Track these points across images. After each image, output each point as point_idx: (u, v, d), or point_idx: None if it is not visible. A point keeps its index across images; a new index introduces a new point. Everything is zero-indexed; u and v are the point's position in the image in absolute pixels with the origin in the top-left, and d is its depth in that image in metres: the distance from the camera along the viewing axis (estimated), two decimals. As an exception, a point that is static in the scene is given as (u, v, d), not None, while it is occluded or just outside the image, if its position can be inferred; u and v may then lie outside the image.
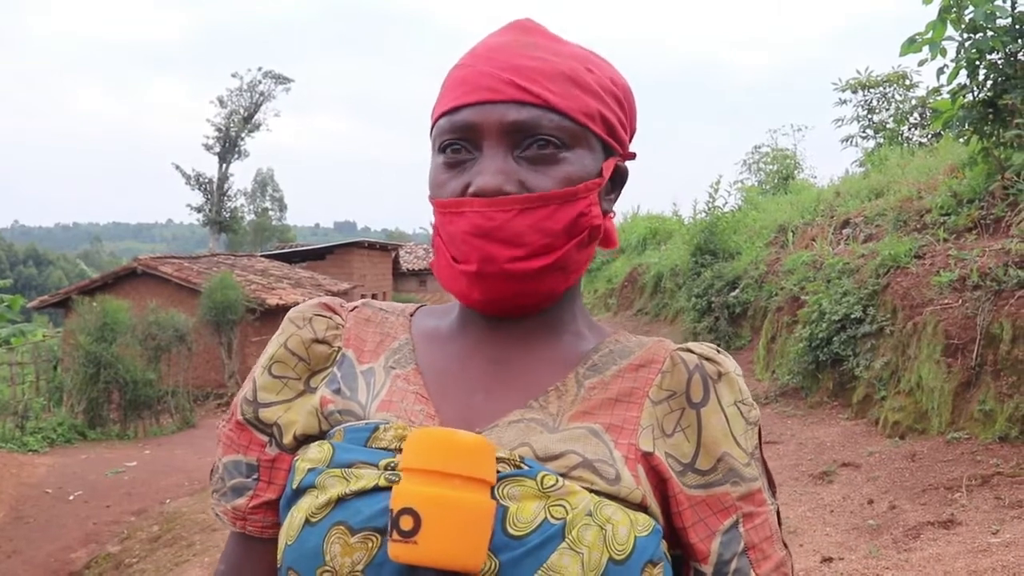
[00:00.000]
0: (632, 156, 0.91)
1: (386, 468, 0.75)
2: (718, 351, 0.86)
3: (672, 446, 0.81)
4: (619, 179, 0.90)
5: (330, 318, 0.91)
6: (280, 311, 18.08)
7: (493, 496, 0.72)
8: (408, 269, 32.77)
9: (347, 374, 0.87)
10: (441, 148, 0.83)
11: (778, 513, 0.85)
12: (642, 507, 0.77)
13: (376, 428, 0.80)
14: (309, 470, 0.79)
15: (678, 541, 0.81)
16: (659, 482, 0.80)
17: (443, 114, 0.83)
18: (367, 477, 0.75)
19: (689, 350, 0.85)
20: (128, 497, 8.76)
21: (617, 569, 0.72)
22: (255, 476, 0.87)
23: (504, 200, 0.78)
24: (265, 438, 0.87)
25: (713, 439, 0.81)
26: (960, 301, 6.06)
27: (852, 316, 7.38)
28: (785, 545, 0.85)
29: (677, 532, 0.81)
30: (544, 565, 0.70)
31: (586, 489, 0.75)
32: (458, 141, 0.82)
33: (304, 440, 0.85)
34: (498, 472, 0.73)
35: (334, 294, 21.30)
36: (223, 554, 0.92)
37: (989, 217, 7.04)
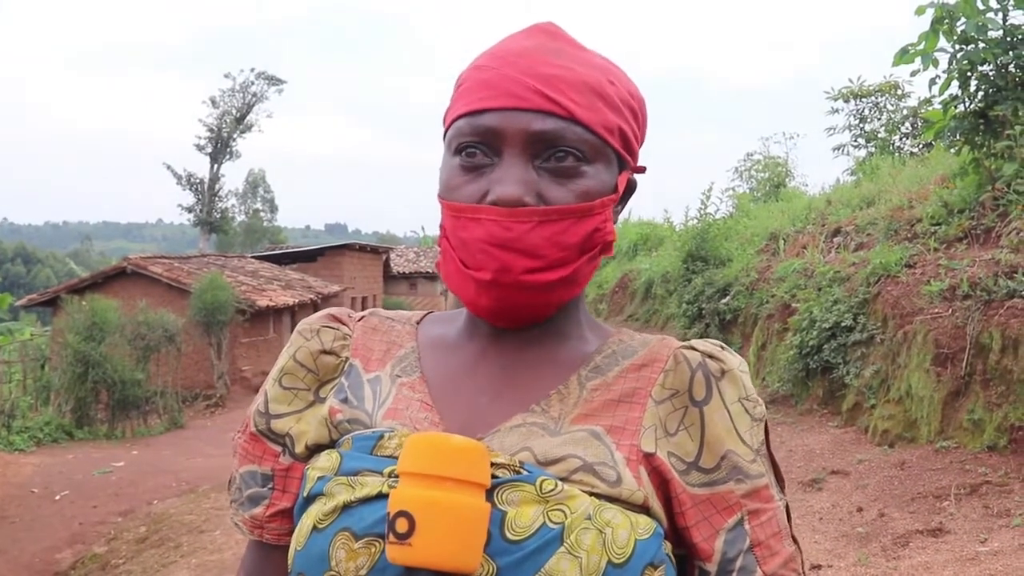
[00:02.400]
0: (642, 169, 0.90)
1: (390, 475, 0.76)
2: (722, 348, 0.85)
3: (675, 445, 0.80)
4: (628, 191, 0.89)
5: (337, 329, 0.91)
6: (270, 312, 18.05)
7: (491, 499, 0.72)
8: (399, 272, 32.70)
9: (354, 383, 0.88)
10: (458, 150, 0.81)
11: (787, 509, 0.84)
12: (644, 508, 0.76)
13: (381, 436, 0.80)
14: (319, 478, 0.80)
15: (682, 541, 0.80)
16: (661, 483, 0.79)
17: (463, 115, 0.81)
18: (371, 484, 0.76)
19: (693, 348, 0.84)
20: (115, 498, 8.71)
21: (616, 572, 0.71)
22: (270, 485, 0.89)
23: (523, 211, 0.77)
24: (278, 448, 0.89)
25: (716, 437, 0.80)
26: (950, 310, 6.09)
27: (842, 324, 7.41)
28: (795, 540, 0.83)
29: (680, 532, 0.80)
30: (542, 569, 0.70)
31: (587, 492, 0.74)
32: (477, 145, 0.80)
33: (316, 449, 0.86)
34: (497, 477, 0.73)
35: (324, 296, 21.24)
36: (242, 562, 0.94)
37: (979, 227, 7.08)
